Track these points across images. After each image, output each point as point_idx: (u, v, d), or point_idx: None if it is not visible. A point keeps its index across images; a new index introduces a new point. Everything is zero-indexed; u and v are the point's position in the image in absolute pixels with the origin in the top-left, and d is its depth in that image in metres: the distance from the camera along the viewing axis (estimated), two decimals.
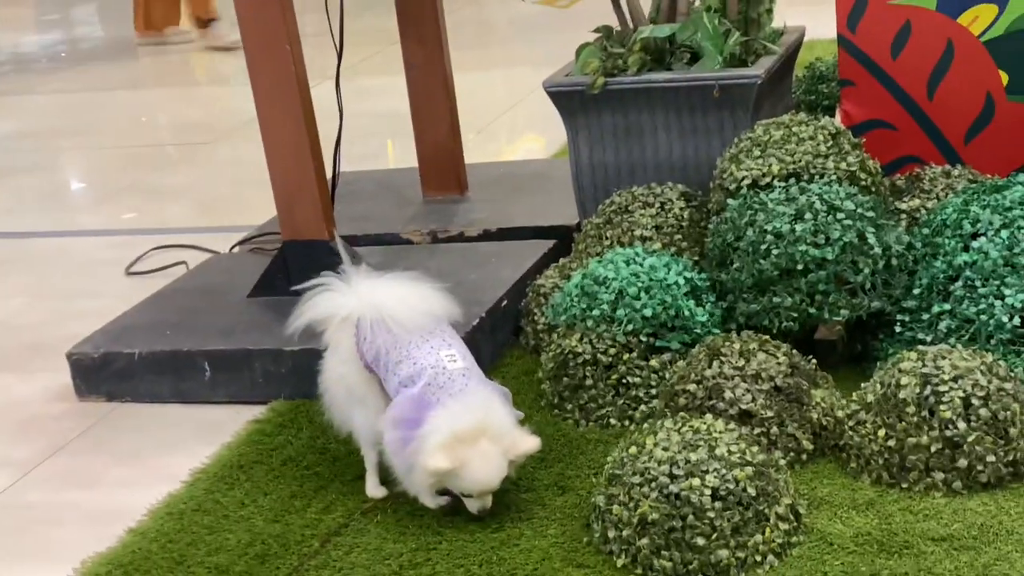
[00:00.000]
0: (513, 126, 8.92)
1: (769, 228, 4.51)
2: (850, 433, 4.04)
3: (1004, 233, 4.37)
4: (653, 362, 4.48)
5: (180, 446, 4.74)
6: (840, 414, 4.13)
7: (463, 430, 3.59)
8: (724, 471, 3.60)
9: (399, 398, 3.72)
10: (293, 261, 5.39)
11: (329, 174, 5.49)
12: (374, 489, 4.08)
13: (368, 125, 8.55)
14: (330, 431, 4.59)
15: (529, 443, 3.74)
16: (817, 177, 4.72)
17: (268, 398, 4.97)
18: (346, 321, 3.96)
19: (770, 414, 4.05)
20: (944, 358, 3.97)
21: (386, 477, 4.00)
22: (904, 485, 3.87)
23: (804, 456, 4.08)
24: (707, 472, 3.59)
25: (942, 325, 4.38)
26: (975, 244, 4.41)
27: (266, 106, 5.22)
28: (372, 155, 8.02)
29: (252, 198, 7.23)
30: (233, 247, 6.41)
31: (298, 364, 4.92)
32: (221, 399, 5.05)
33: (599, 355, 4.47)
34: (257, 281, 5.50)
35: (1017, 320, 4.24)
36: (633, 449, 3.74)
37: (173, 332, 5.28)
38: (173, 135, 10.02)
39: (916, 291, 4.49)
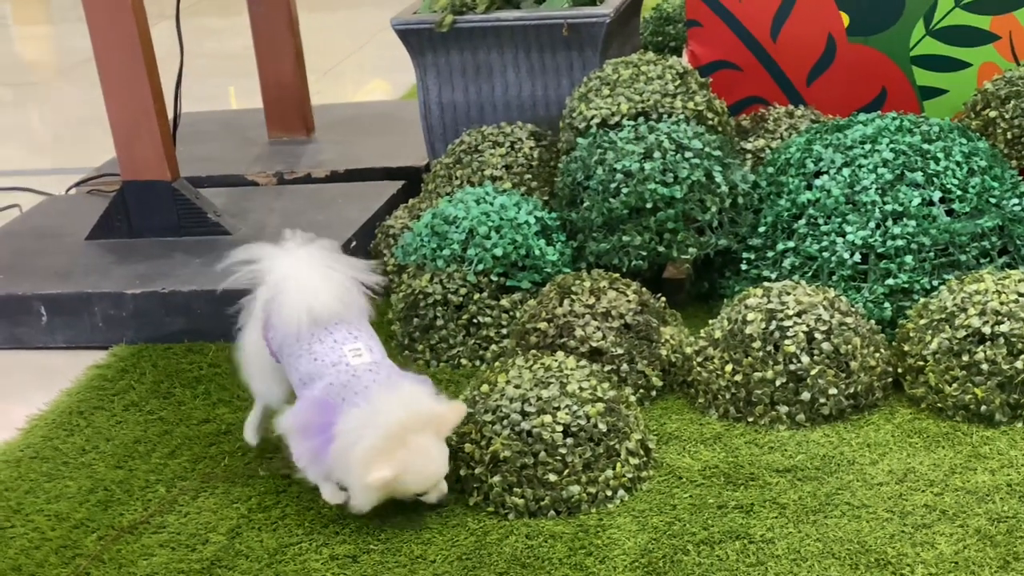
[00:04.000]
0: (360, 68, 8.78)
1: (618, 167, 4.52)
2: (698, 369, 4.09)
3: (846, 171, 4.46)
4: (504, 302, 4.46)
5: (15, 393, 4.58)
6: (688, 351, 4.17)
7: (389, 432, 3.25)
8: (575, 407, 3.61)
9: (299, 404, 3.45)
10: (133, 202, 5.22)
11: (170, 113, 5.32)
12: (251, 436, 3.93)
13: (210, 66, 8.33)
14: (176, 376, 4.49)
15: (456, 412, 3.43)
16: (665, 116, 4.75)
17: (109, 343, 4.82)
18: (261, 292, 3.67)
19: (620, 351, 4.08)
20: (788, 294, 4.04)
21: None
22: (750, 419, 3.93)
23: (654, 392, 4.12)
24: (558, 409, 3.60)
25: (786, 262, 4.46)
26: (818, 182, 4.49)
27: (102, 39, 5.02)
28: (214, 96, 7.82)
29: (89, 140, 6.99)
30: (69, 189, 6.18)
31: (140, 307, 4.78)
32: (59, 344, 4.88)
33: (449, 295, 4.43)
34: (96, 223, 5.32)
35: (858, 257, 4.34)
36: (484, 387, 3.72)
37: (7, 276, 5.07)
38: (2, 75, 9.62)
39: (761, 229, 4.56)
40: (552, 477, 3.54)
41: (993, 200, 4.41)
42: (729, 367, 3.98)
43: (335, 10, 10.12)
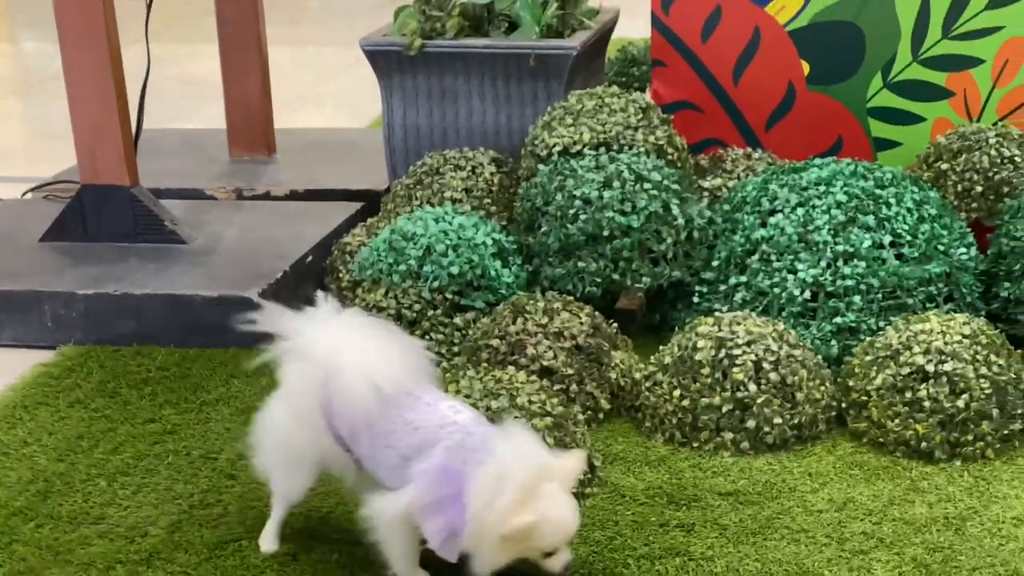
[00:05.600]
0: (325, 100, 8.82)
1: (578, 194, 4.57)
2: (646, 394, 4.12)
3: (800, 211, 4.53)
4: (457, 320, 4.48)
5: None
6: (638, 375, 4.21)
7: (525, 483, 2.94)
8: (523, 420, 3.62)
9: (420, 479, 3.00)
10: (91, 206, 5.21)
11: (134, 122, 5.33)
12: (270, 542, 3.44)
13: (176, 88, 8.35)
14: (123, 377, 4.47)
15: (576, 460, 3.12)
16: (626, 148, 4.82)
17: (57, 343, 4.79)
18: (306, 370, 3.19)
19: (571, 371, 4.11)
20: (739, 324, 4.09)
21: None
22: (695, 444, 3.97)
23: (601, 414, 4.14)
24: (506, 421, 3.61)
25: (738, 296, 4.52)
26: (772, 220, 4.57)
27: (71, 43, 5.03)
28: (177, 116, 7.82)
29: (45, 152, 6.97)
30: (25, 193, 6.16)
31: (90, 308, 4.76)
32: (7, 342, 4.85)
33: (404, 311, 4.45)
34: (51, 225, 5.30)
35: (808, 294, 4.40)
36: None
37: None
38: None
39: (715, 263, 4.62)
40: None
41: (941, 248, 4.50)
42: (677, 392, 4.02)
43: (303, 45, 10.18)
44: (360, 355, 3.08)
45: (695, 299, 4.61)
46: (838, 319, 4.35)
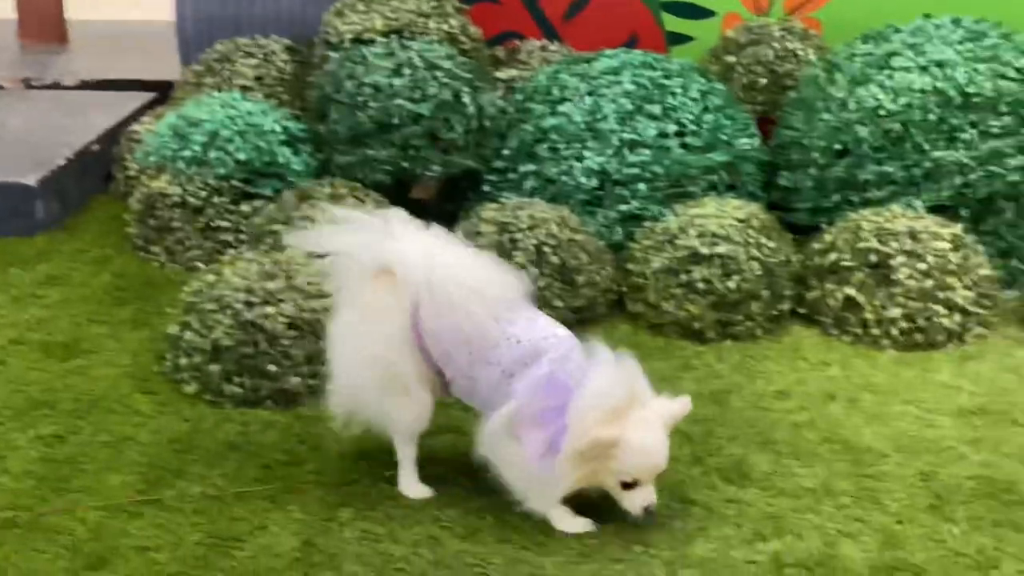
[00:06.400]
0: None
1: (368, 81, 4.53)
2: None
3: (588, 99, 4.58)
4: (244, 207, 4.43)
5: None
6: None
7: (616, 403, 2.79)
8: (301, 301, 3.61)
9: (524, 387, 2.82)
10: None
11: None
12: (416, 488, 3.12)
13: None
14: None
15: (682, 404, 2.93)
16: (419, 36, 4.79)
17: None
18: (390, 284, 2.94)
19: None
20: (522, 209, 4.13)
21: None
22: None
23: None
24: (283, 301, 3.60)
25: (527, 185, 4.56)
26: (561, 109, 4.61)
27: None
28: None
29: None
30: None
31: None
32: None
33: (188, 197, 4.38)
34: None
35: (595, 182, 4.47)
36: (211, 277, 3.69)
37: None
38: None
39: (505, 152, 4.65)
40: (272, 368, 3.53)
41: (725, 137, 4.60)
42: None
43: None
44: (463, 269, 2.89)
45: (486, 188, 4.64)
46: (623, 206, 4.43)
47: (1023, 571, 2.80)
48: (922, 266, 3.92)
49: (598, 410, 2.75)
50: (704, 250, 3.98)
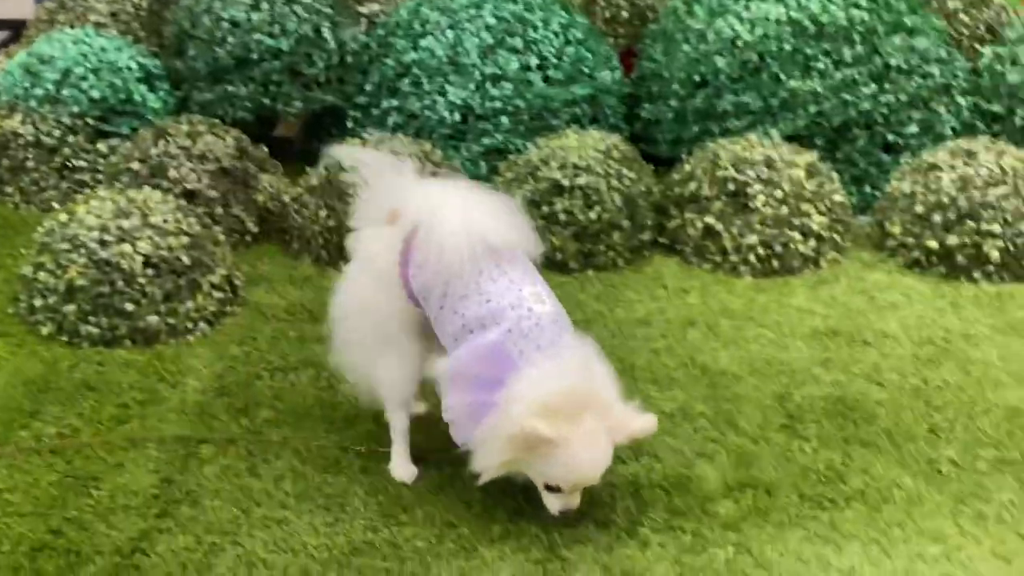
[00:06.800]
0: None
1: (225, 16, 4.46)
2: (294, 216, 4.11)
3: (450, 33, 4.56)
4: (101, 146, 4.34)
5: None
6: (287, 198, 4.19)
7: (563, 399, 2.54)
8: (158, 239, 3.56)
9: (466, 347, 2.64)
10: None
11: None
12: (406, 468, 2.90)
13: None
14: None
15: (644, 423, 2.65)
16: None
17: None
18: (391, 226, 2.78)
19: (215, 194, 4.05)
20: (384, 144, 4.10)
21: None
22: (341, 263, 3.99)
23: (249, 237, 4.12)
24: (139, 239, 3.54)
25: (390, 120, 4.54)
26: (423, 43, 4.58)
27: None
28: None
29: None
30: None
31: None
32: None
33: (42, 137, 4.27)
34: None
35: (458, 116, 4.46)
36: (64, 217, 3.62)
37: None
38: None
39: (368, 88, 4.62)
40: (129, 307, 3.48)
41: (587, 70, 4.62)
42: (323, 213, 4.02)
43: None
44: (464, 211, 2.71)
45: (349, 124, 4.61)
46: (487, 140, 4.43)
47: (868, 483, 2.90)
48: (778, 194, 4.00)
49: (531, 401, 2.51)
50: (565, 182, 4.01)
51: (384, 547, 2.65)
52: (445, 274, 2.67)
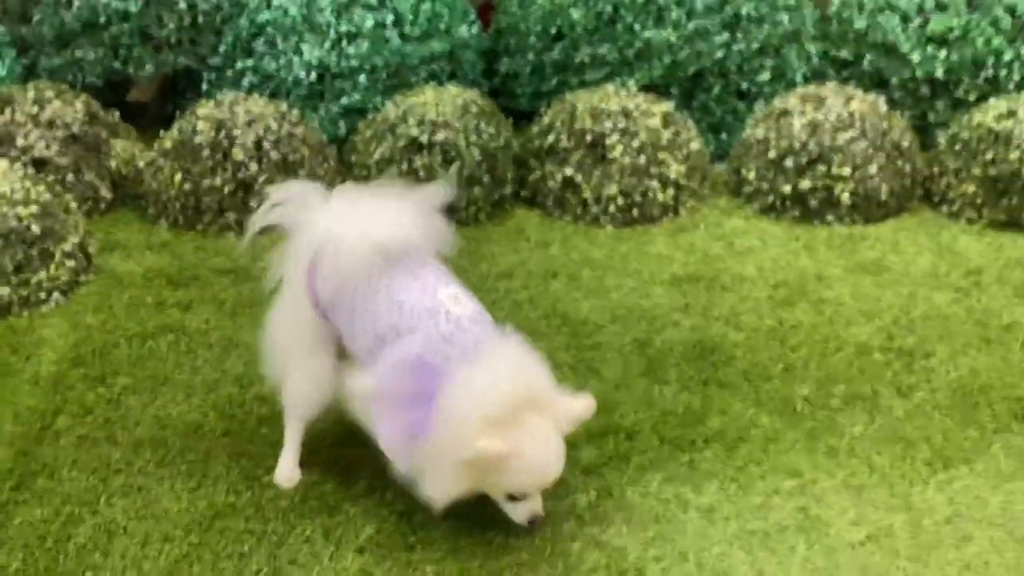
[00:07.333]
0: None
1: None
2: (149, 180, 4.04)
3: None
4: None
5: None
6: (141, 164, 4.12)
7: (504, 408, 2.38)
8: (6, 208, 3.47)
9: (386, 364, 2.47)
10: None
11: None
12: (289, 474, 2.76)
13: None
14: None
15: (584, 406, 2.53)
16: None
17: None
18: (307, 247, 2.65)
19: (66, 161, 3.96)
20: (239, 105, 4.06)
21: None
22: (199, 227, 3.94)
23: (103, 204, 4.04)
24: None
25: (246, 81, 4.47)
26: (276, 2, 4.51)
27: None
28: None
29: None
30: None
31: None
32: None
33: None
34: None
35: (314, 76, 4.42)
36: None
37: None
38: None
39: (222, 49, 4.54)
40: None
41: (443, 26, 4.61)
42: (179, 176, 3.96)
43: None
44: (363, 213, 2.61)
45: (204, 86, 4.53)
46: (344, 100, 4.40)
47: (726, 423, 2.96)
48: (636, 143, 4.04)
49: (472, 419, 2.37)
50: (423, 138, 3.99)
51: (247, 508, 2.64)
52: (349, 284, 2.56)
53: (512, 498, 2.50)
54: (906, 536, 2.58)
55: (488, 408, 2.37)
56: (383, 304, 2.52)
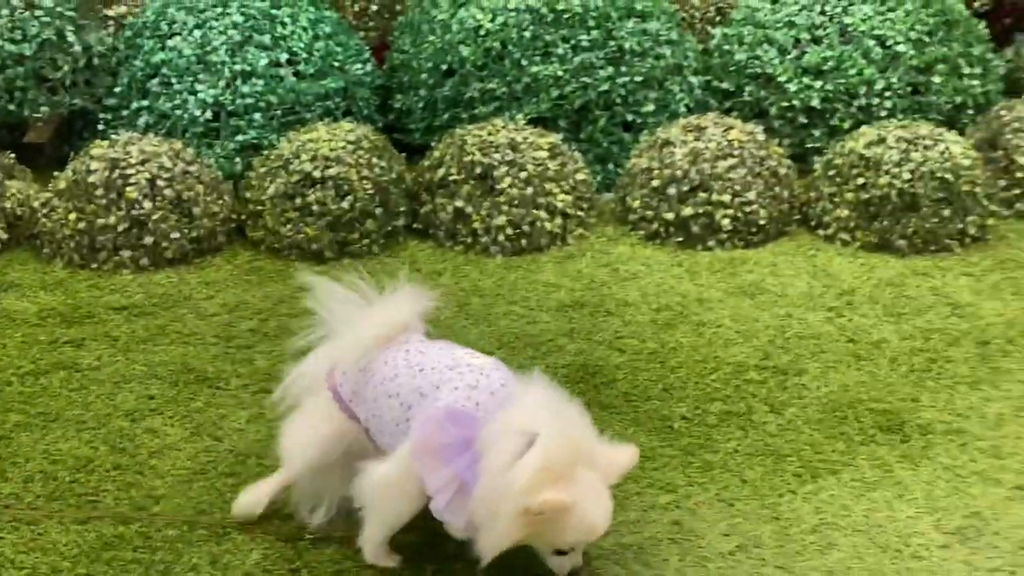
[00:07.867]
0: None
1: None
2: (43, 220, 4.08)
3: (197, 33, 4.58)
4: None
5: None
6: (36, 204, 4.15)
7: (560, 458, 2.36)
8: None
9: (418, 424, 2.47)
10: None
11: None
12: (251, 503, 2.74)
13: None
14: None
15: (629, 456, 2.54)
16: None
17: None
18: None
19: None
20: (133, 144, 4.12)
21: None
22: (94, 265, 3.99)
23: None
24: None
25: (142, 121, 4.54)
26: (171, 43, 4.59)
27: None
28: None
29: None
30: None
31: None
32: None
33: None
34: None
35: (210, 114, 4.49)
36: None
37: None
38: None
39: (117, 90, 4.60)
40: None
41: (337, 64, 4.71)
42: (73, 216, 4.01)
43: None
44: (372, 308, 2.72)
45: (100, 127, 4.58)
46: (240, 137, 4.48)
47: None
48: (523, 175, 4.16)
49: (530, 471, 2.33)
50: (317, 173, 4.08)
51: (135, 539, 2.69)
52: (361, 364, 2.61)
53: (559, 552, 2.47)
54: (774, 545, 2.69)
55: (546, 460, 2.34)
56: (403, 375, 2.56)
